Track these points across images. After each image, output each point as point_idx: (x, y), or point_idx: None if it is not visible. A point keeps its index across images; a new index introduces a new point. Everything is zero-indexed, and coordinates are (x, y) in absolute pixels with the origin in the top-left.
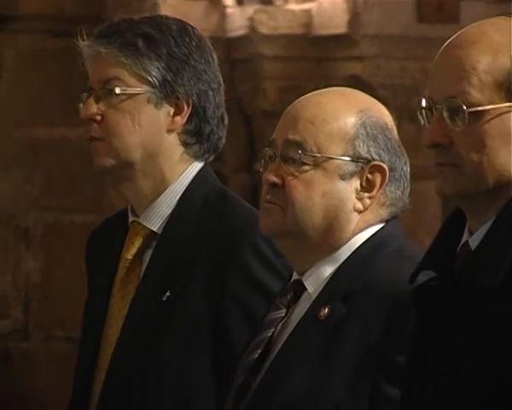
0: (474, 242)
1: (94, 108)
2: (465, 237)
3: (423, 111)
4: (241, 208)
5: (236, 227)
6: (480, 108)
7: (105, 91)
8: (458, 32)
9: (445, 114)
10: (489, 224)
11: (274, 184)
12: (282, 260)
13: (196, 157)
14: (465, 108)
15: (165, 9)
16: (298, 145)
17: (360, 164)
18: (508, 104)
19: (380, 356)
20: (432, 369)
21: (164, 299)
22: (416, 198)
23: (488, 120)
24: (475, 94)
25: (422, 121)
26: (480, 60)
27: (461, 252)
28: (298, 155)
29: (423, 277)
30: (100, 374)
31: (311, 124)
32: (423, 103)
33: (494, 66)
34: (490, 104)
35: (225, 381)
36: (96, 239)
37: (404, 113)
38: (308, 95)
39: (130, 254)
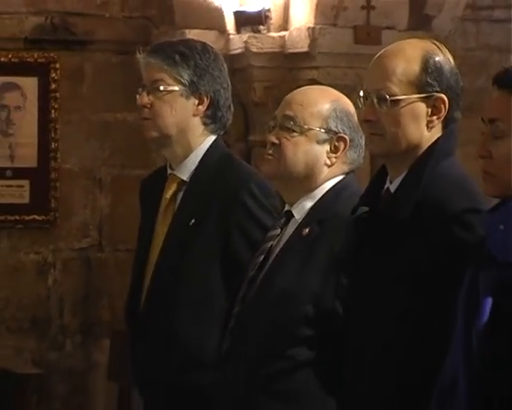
0: (392, 187)
1: (146, 98)
2: (387, 184)
3: (361, 99)
4: (240, 165)
5: (237, 178)
6: (397, 98)
7: (153, 88)
8: (385, 48)
9: (375, 100)
10: (403, 175)
11: (273, 143)
12: (270, 201)
13: (212, 132)
14: (388, 97)
15: (190, 37)
16: (291, 119)
17: (330, 135)
18: (416, 96)
19: (340, 260)
20: (366, 270)
21: (190, 224)
22: None
23: (403, 106)
24: (395, 88)
25: (360, 105)
26: (398, 66)
27: (384, 194)
28: (290, 125)
29: (361, 210)
30: (148, 272)
31: (301, 106)
32: (361, 94)
33: (407, 70)
34: (404, 95)
35: (236, 280)
36: (146, 185)
37: None
38: (301, 88)
39: (168, 194)
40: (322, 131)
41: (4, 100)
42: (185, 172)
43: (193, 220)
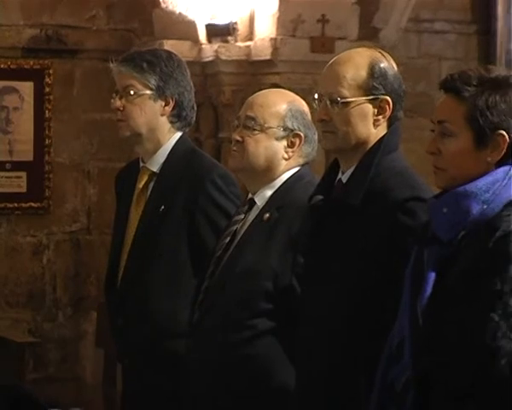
0: (344, 178)
1: (118, 102)
2: (339, 175)
3: (316, 101)
4: (204, 158)
5: (202, 169)
6: (347, 100)
7: (125, 93)
8: (336, 56)
9: (328, 102)
10: (353, 167)
11: (237, 141)
12: (231, 189)
13: (178, 129)
14: (339, 99)
15: (167, 47)
16: (252, 119)
17: (287, 132)
18: (364, 98)
19: (296, 242)
20: (321, 250)
21: (160, 210)
22: None
23: (352, 107)
24: (345, 92)
25: (315, 106)
26: (348, 72)
27: (337, 184)
28: (252, 125)
29: (316, 198)
30: (124, 253)
31: (261, 107)
32: (316, 96)
33: (356, 76)
34: (353, 98)
35: (201, 258)
36: (121, 176)
37: None
38: (261, 91)
39: (141, 184)
40: (280, 129)
41: (4, 102)
42: (155, 164)
43: (162, 207)
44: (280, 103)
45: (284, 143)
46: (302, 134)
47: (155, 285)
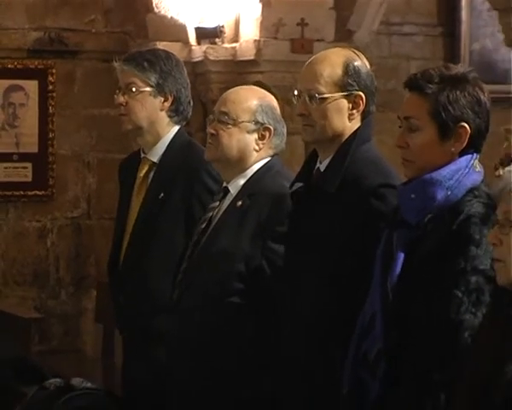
0: (322, 167)
1: (121, 98)
2: (318, 164)
3: (296, 97)
4: (200, 150)
5: (197, 160)
6: (324, 96)
7: (127, 90)
8: (314, 56)
9: (307, 98)
10: (330, 157)
11: (212, 134)
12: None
13: (176, 123)
14: (317, 95)
15: (161, 47)
16: (226, 114)
17: (258, 126)
18: (339, 94)
19: (266, 227)
20: (301, 235)
21: (160, 197)
22: (291, 143)
23: (329, 102)
24: (322, 88)
25: (295, 102)
26: (325, 70)
27: (315, 173)
28: (225, 119)
29: (296, 185)
30: (126, 236)
31: (233, 103)
32: (296, 92)
33: (332, 74)
34: (330, 94)
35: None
36: (123, 166)
37: (284, 100)
38: (234, 88)
39: (142, 173)
40: (251, 123)
41: (11, 98)
42: (155, 155)
43: (162, 194)
44: (251, 99)
45: (255, 135)
46: (272, 127)
47: (154, 266)
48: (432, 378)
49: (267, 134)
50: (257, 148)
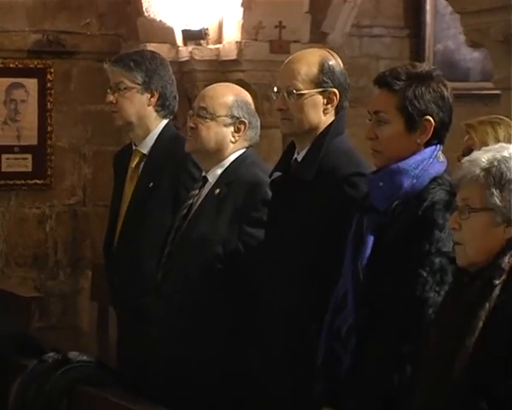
0: (299, 157)
1: (112, 97)
2: (295, 155)
3: (275, 93)
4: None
5: (184, 151)
6: (301, 92)
7: (117, 89)
8: (292, 55)
9: (285, 94)
10: (307, 148)
11: (192, 127)
12: None
13: (163, 117)
14: (294, 92)
15: (150, 48)
16: (204, 109)
17: (234, 119)
18: (315, 90)
19: (242, 213)
20: (280, 225)
21: (149, 186)
22: (270, 136)
23: (306, 98)
24: (299, 85)
25: (274, 98)
26: (302, 69)
27: (293, 163)
28: (204, 114)
29: (275, 175)
30: (120, 222)
31: (211, 98)
32: (275, 89)
33: (309, 72)
34: (306, 90)
35: None
36: (117, 157)
37: (264, 96)
38: (212, 85)
39: (133, 164)
40: (228, 117)
41: (13, 95)
42: (145, 147)
43: (151, 183)
44: (227, 95)
45: (231, 128)
46: (247, 121)
47: (145, 250)
48: (398, 351)
49: (242, 127)
50: (233, 140)
